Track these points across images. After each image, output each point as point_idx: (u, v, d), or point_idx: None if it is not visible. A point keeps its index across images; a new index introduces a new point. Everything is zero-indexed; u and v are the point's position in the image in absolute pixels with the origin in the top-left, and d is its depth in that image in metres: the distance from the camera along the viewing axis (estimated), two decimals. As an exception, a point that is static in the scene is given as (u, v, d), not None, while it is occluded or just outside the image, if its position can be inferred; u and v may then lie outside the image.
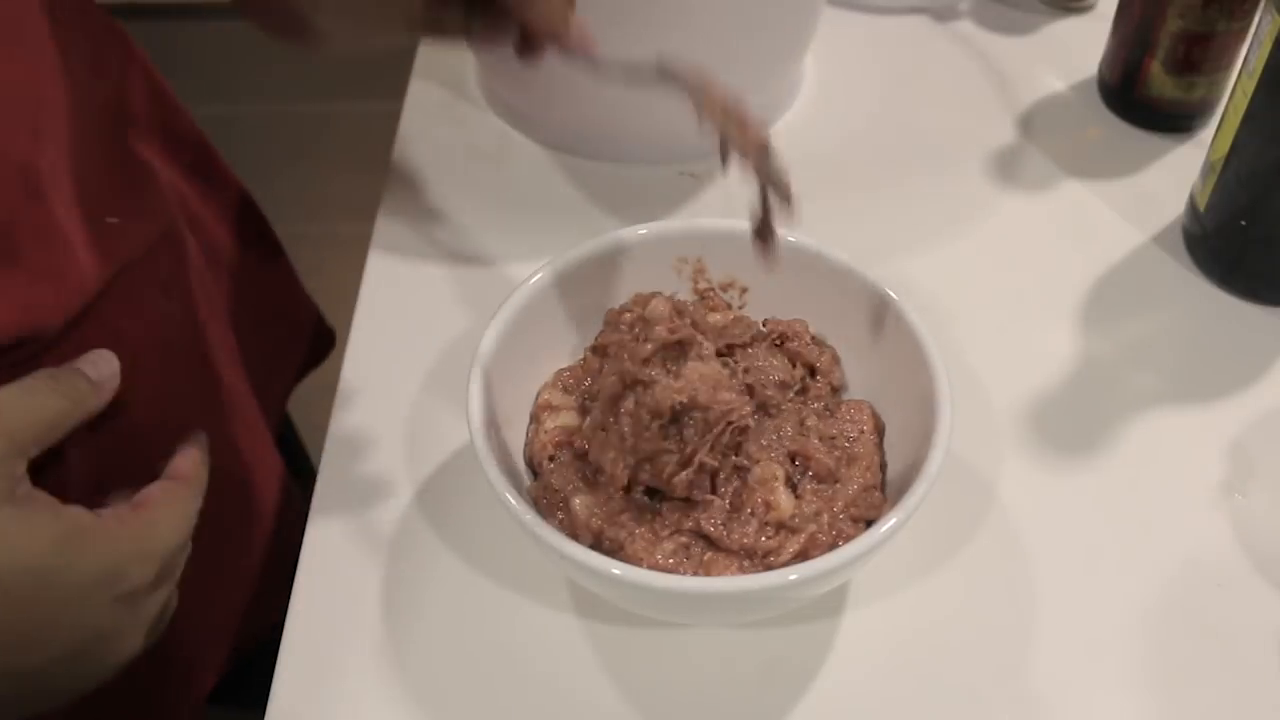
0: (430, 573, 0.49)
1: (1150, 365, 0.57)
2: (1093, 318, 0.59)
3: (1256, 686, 0.47)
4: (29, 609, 0.37)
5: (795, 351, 0.49)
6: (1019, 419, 0.55)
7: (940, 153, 0.68)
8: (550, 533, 0.41)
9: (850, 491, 0.45)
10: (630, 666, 0.47)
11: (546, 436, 0.47)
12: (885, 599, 0.49)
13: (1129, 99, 0.69)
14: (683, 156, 0.66)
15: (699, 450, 0.43)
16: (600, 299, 0.51)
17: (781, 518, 0.43)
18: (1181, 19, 0.63)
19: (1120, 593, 0.49)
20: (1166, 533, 0.51)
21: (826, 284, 0.50)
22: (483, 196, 0.65)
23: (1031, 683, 0.47)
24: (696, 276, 0.52)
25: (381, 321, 0.59)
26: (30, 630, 0.38)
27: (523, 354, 0.48)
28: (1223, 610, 0.49)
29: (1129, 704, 0.46)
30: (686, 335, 0.45)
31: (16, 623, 0.37)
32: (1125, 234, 0.63)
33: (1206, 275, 0.61)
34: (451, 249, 0.62)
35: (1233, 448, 0.54)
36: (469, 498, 0.51)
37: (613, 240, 0.51)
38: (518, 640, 0.48)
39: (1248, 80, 0.55)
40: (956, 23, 0.76)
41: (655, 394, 0.44)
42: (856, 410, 0.48)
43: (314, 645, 0.47)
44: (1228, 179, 0.58)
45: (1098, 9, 0.77)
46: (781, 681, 0.47)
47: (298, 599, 0.49)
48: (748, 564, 0.43)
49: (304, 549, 0.50)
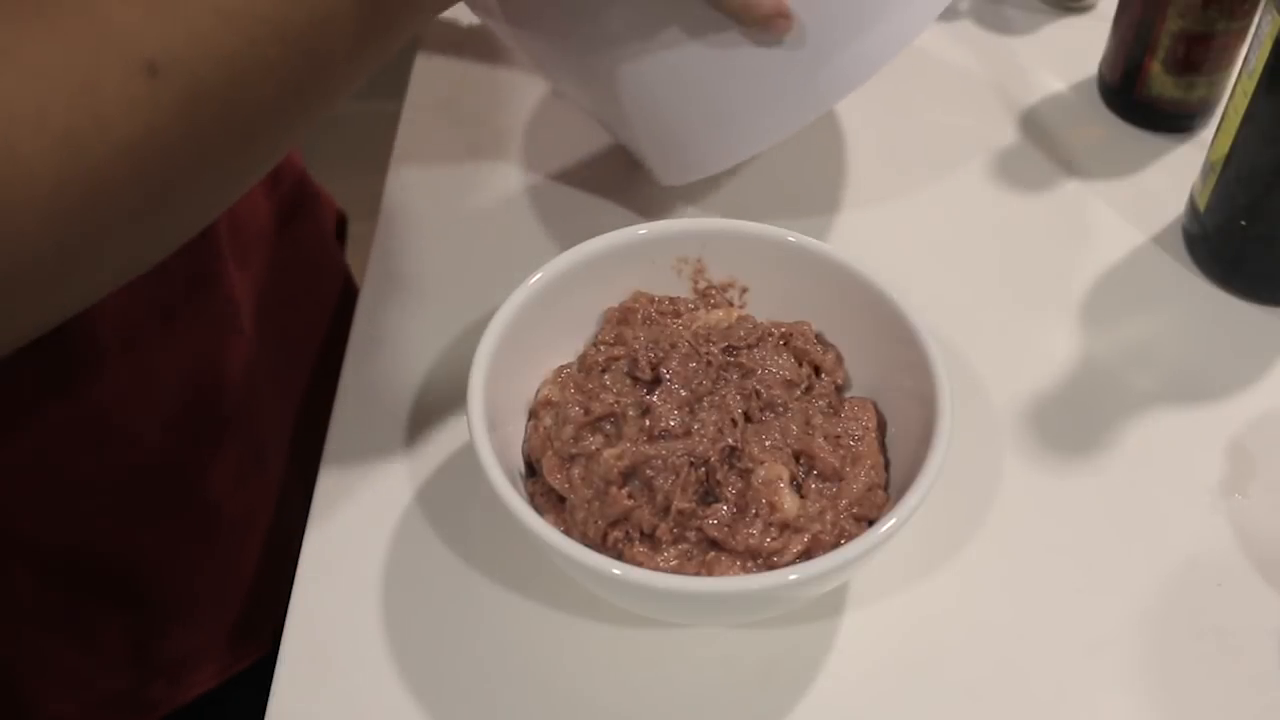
0: (430, 573, 0.49)
1: (1150, 365, 0.57)
2: (1093, 318, 0.59)
3: (1256, 686, 0.47)
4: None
5: (801, 350, 0.49)
6: (1019, 419, 0.55)
7: (940, 153, 0.68)
8: (550, 532, 0.41)
9: (854, 490, 0.45)
10: (630, 666, 0.47)
11: (546, 434, 0.47)
12: (885, 599, 0.49)
13: (1129, 99, 0.68)
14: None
15: (673, 498, 0.43)
16: (600, 299, 0.51)
17: (786, 518, 0.43)
18: (1181, 19, 0.63)
19: (1120, 593, 0.49)
20: (1166, 533, 0.51)
21: (826, 283, 0.50)
22: (483, 197, 0.65)
23: (1031, 683, 0.47)
24: (696, 276, 0.52)
25: (382, 320, 0.59)
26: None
27: (523, 354, 0.48)
28: (1223, 610, 0.49)
29: (1128, 704, 0.46)
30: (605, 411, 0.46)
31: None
32: (1125, 234, 0.63)
33: (1206, 275, 0.61)
34: (452, 249, 0.62)
35: (1233, 448, 0.54)
36: (469, 498, 0.51)
37: (613, 240, 0.50)
38: (517, 640, 0.47)
39: (1248, 80, 0.55)
40: (956, 23, 0.76)
41: (601, 463, 0.44)
42: (860, 409, 0.48)
43: (314, 645, 0.47)
44: (1228, 179, 0.58)
45: (1098, 9, 0.77)
46: (781, 681, 0.47)
47: (298, 599, 0.49)
48: (751, 564, 0.43)
49: (304, 549, 0.50)
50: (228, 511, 0.59)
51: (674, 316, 0.51)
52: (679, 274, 0.52)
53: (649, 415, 0.45)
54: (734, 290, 0.52)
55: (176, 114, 0.34)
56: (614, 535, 0.43)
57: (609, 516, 0.43)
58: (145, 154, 0.33)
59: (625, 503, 0.43)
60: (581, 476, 0.45)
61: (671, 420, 0.45)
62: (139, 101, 0.33)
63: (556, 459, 0.45)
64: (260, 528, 0.62)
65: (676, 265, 0.52)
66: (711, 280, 0.52)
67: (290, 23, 0.36)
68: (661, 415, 0.45)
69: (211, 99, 0.35)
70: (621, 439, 0.45)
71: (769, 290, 0.52)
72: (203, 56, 0.34)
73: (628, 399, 0.46)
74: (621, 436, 0.45)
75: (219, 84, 0.35)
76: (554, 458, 0.46)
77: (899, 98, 0.71)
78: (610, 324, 0.50)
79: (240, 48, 0.35)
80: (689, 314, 0.51)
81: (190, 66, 0.34)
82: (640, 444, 0.44)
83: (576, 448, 0.45)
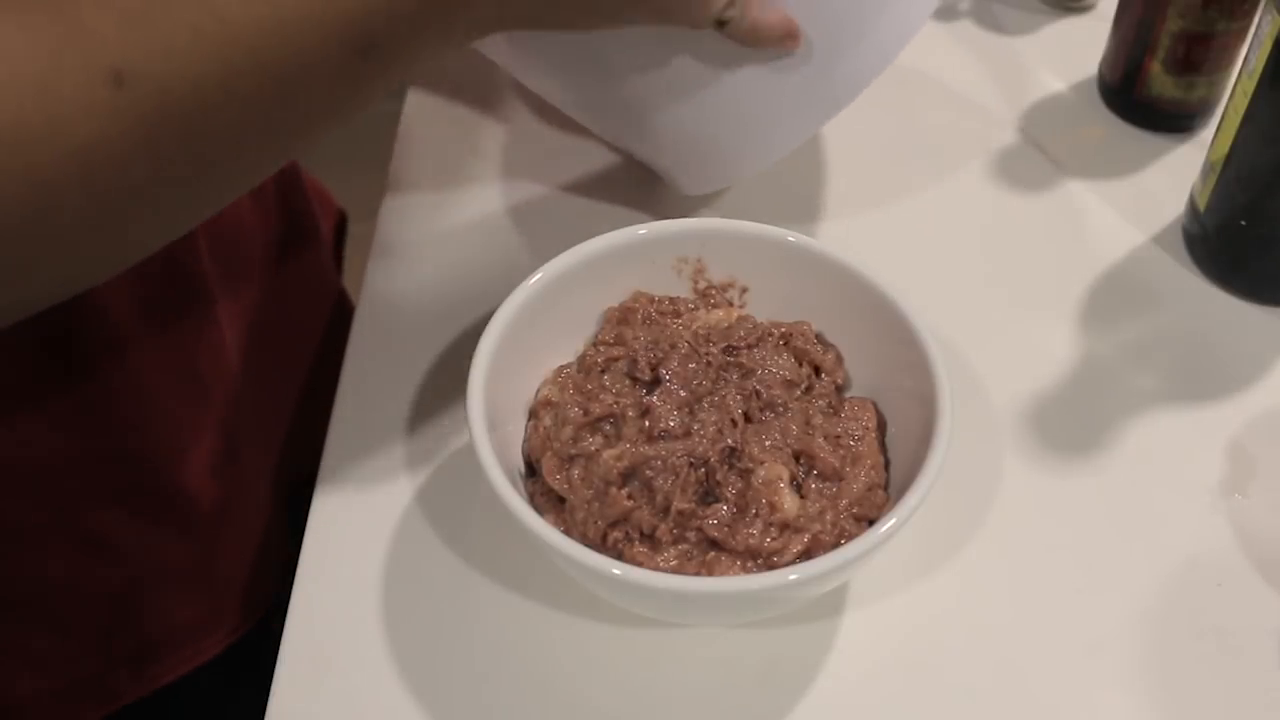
0: (430, 573, 0.49)
1: (1150, 365, 0.57)
2: (1093, 318, 0.59)
3: (1256, 686, 0.47)
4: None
5: (801, 350, 0.49)
6: (1019, 419, 0.55)
7: (940, 153, 0.68)
8: (550, 532, 0.41)
9: (855, 490, 0.45)
10: (630, 666, 0.47)
11: (546, 434, 0.47)
12: (885, 599, 0.49)
13: (1129, 99, 0.68)
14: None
15: (673, 498, 0.43)
16: (600, 299, 0.51)
17: (787, 519, 0.43)
18: (1181, 19, 0.63)
19: (1120, 592, 0.49)
20: (1166, 533, 0.51)
21: (826, 283, 0.50)
22: (483, 196, 0.65)
23: (1031, 683, 0.47)
24: (696, 276, 0.52)
25: (382, 321, 0.59)
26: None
27: (523, 354, 0.48)
28: (1223, 610, 0.49)
29: (1128, 704, 0.46)
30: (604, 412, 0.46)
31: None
32: (1125, 234, 0.63)
33: (1206, 275, 0.61)
34: (452, 249, 0.62)
35: (1233, 448, 0.54)
36: (469, 498, 0.51)
37: (613, 240, 0.50)
38: (517, 640, 0.47)
39: (1248, 80, 0.55)
40: (956, 23, 0.76)
41: (601, 463, 0.44)
42: (860, 408, 0.48)
43: (314, 645, 0.47)
44: (1228, 179, 0.58)
45: (1098, 9, 0.77)
46: (781, 681, 0.47)
47: (298, 599, 0.49)
48: (751, 564, 0.43)
49: (304, 549, 0.50)
50: (199, 501, 0.58)
51: (674, 316, 0.51)
52: (679, 274, 0.52)
53: (648, 416, 0.45)
54: (734, 290, 0.52)
55: (136, 127, 0.34)
56: (614, 535, 0.43)
57: (609, 517, 0.43)
58: (97, 162, 0.33)
59: (625, 503, 0.43)
60: (581, 477, 0.45)
61: (671, 421, 0.45)
62: (97, 108, 0.33)
63: (556, 460, 0.45)
64: (230, 521, 0.61)
65: (676, 265, 0.52)
66: (711, 280, 0.52)
67: (272, 58, 0.35)
68: (661, 416, 0.45)
69: (175, 118, 0.34)
70: (621, 440, 0.45)
71: (769, 290, 0.52)
72: (173, 74, 0.34)
73: (627, 400, 0.46)
74: (621, 437, 0.45)
75: (186, 105, 0.34)
76: (553, 458, 0.46)
77: (899, 98, 0.71)
78: (610, 324, 0.50)
79: (214, 72, 0.34)
80: (689, 314, 0.51)
81: (158, 82, 0.33)
82: (640, 445, 0.44)
83: (576, 448, 0.45)
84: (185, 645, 0.61)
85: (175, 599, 0.60)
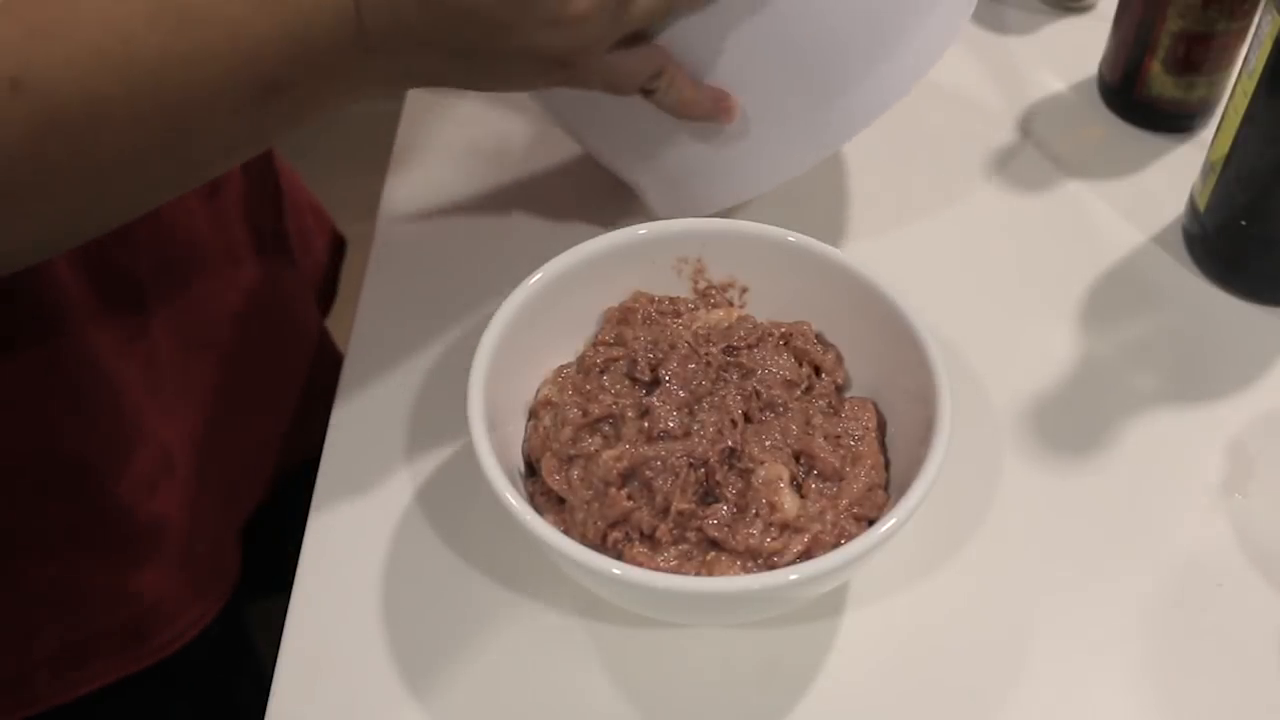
0: (430, 573, 0.49)
1: (1150, 365, 0.57)
2: (1093, 318, 0.59)
3: (1256, 686, 0.47)
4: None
5: (801, 350, 0.49)
6: (1019, 419, 0.55)
7: (940, 153, 0.68)
8: (550, 532, 0.41)
9: (855, 490, 0.45)
10: (630, 666, 0.47)
11: (545, 434, 0.47)
12: (885, 599, 0.49)
13: (1129, 99, 0.68)
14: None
15: (672, 499, 0.43)
16: (600, 299, 0.51)
17: (787, 519, 0.43)
18: (1181, 19, 0.63)
19: (1120, 592, 0.49)
20: (1166, 533, 0.51)
21: (826, 283, 0.50)
22: (482, 196, 0.65)
23: (1031, 683, 0.47)
24: (696, 276, 0.52)
25: (382, 321, 0.59)
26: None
27: (523, 354, 0.48)
28: (1223, 610, 0.49)
29: (1129, 704, 0.46)
30: (604, 412, 0.46)
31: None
32: (1125, 234, 0.63)
33: (1206, 275, 0.61)
34: (451, 249, 0.62)
35: (1233, 448, 0.54)
36: (469, 497, 0.51)
37: (613, 240, 0.50)
38: (517, 640, 0.47)
39: (1248, 80, 0.55)
40: (956, 23, 0.76)
41: (600, 464, 0.44)
42: (860, 408, 0.48)
43: (314, 645, 0.47)
44: (1228, 179, 0.58)
45: (1098, 9, 0.77)
46: (781, 681, 0.47)
47: (298, 599, 0.49)
48: (751, 564, 0.43)
49: (304, 549, 0.50)
50: (135, 513, 0.57)
51: (674, 316, 0.51)
52: (679, 274, 0.52)
53: (648, 416, 0.45)
54: (734, 290, 0.52)
55: (26, 133, 0.34)
56: (614, 536, 0.43)
57: (608, 517, 0.43)
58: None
59: (624, 504, 0.43)
60: (580, 477, 0.45)
61: (670, 421, 0.45)
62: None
63: (555, 460, 0.45)
64: (165, 537, 0.59)
65: (676, 265, 0.52)
66: (711, 280, 0.52)
67: (172, 86, 0.36)
68: (660, 416, 0.45)
69: (66, 130, 0.35)
70: (621, 440, 0.45)
71: (769, 290, 0.52)
72: (70, 87, 0.34)
73: (626, 400, 0.46)
74: (620, 438, 0.45)
75: (79, 118, 0.35)
76: (553, 459, 0.45)
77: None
78: (610, 324, 0.50)
79: (112, 91, 0.35)
80: (689, 314, 0.51)
81: (54, 93, 0.34)
82: (639, 445, 0.44)
83: (575, 449, 0.45)
84: (111, 655, 0.59)
85: (98, 608, 0.58)
